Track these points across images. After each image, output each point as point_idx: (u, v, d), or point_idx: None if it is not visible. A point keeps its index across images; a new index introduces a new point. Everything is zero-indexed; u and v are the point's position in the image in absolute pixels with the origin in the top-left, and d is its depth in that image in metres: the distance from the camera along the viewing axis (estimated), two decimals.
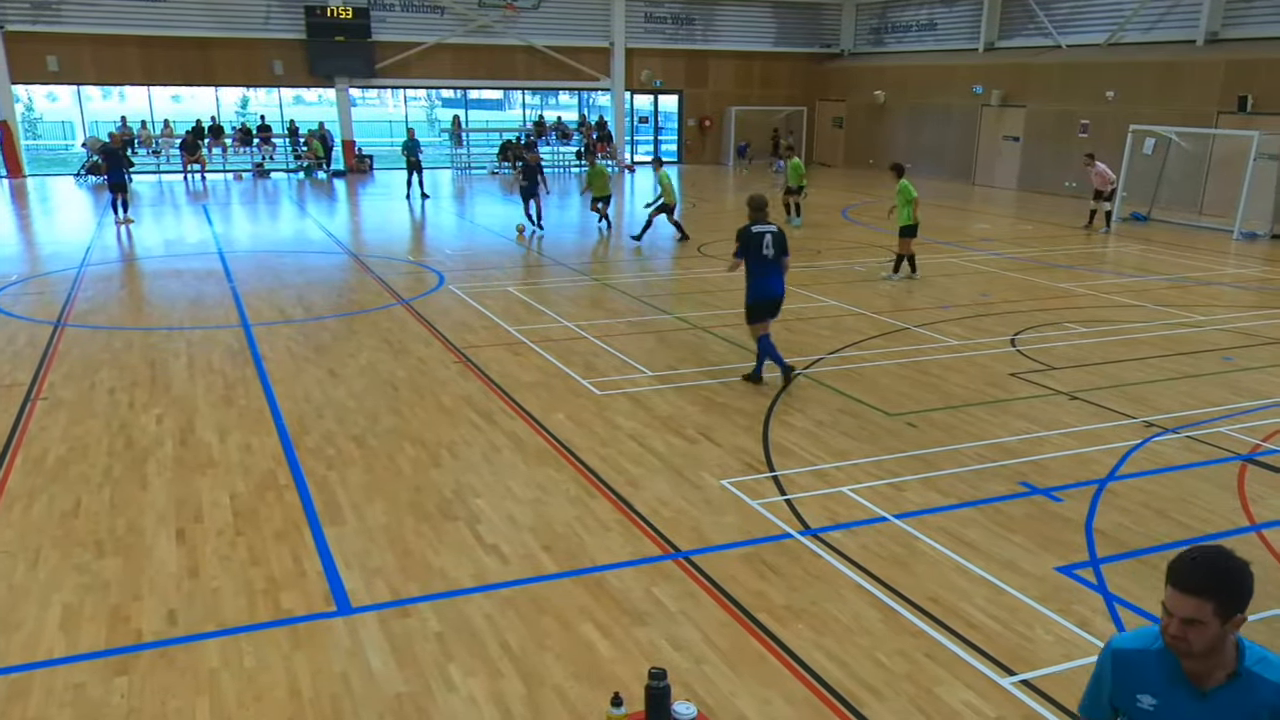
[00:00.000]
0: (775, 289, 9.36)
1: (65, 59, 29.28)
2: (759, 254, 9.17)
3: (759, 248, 9.17)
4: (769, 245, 9.18)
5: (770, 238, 9.21)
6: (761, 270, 9.23)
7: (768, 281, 9.28)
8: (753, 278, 9.26)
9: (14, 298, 13.54)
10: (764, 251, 9.15)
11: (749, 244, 9.19)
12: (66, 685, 4.87)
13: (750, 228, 9.22)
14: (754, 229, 9.19)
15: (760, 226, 9.24)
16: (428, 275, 15.49)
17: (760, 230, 9.21)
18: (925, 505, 7.02)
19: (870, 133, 35.73)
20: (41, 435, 8.29)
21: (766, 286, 9.28)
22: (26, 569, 6.01)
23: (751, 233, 9.19)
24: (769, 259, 9.19)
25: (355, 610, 5.59)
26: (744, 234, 9.21)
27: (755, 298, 9.34)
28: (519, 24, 33.68)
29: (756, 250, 9.17)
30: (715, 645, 5.26)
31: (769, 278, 9.27)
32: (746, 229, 9.22)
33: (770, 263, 9.22)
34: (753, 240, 9.19)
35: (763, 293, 9.29)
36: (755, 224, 9.24)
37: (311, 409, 9.00)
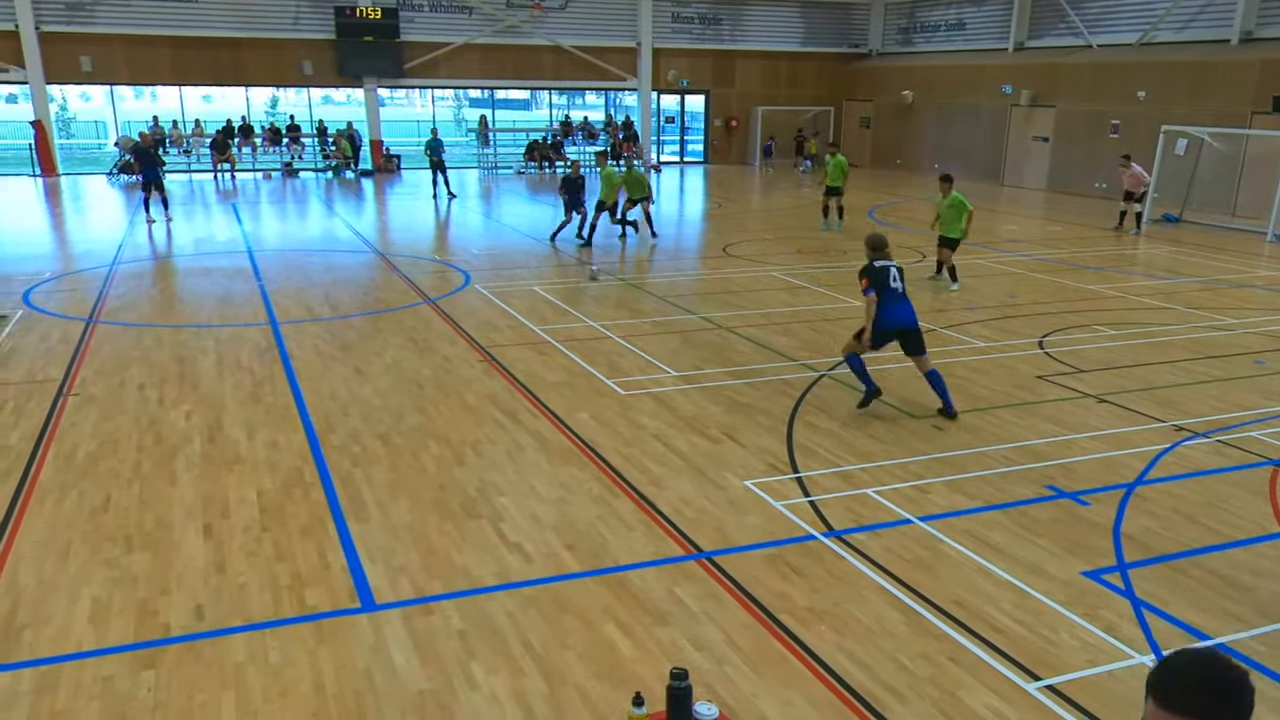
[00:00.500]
0: (906, 317, 9.00)
1: (98, 59, 29.65)
2: (888, 287, 8.93)
3: (887, 281, 8.94)
4: (895, 278, 8.98)
5: (895, 271, 9.04)
6: (890, 300, 8.95)
7: (895, 312, 8.95)
8: (883, 307, 8.91)
9: (47, 295, 13.72)
10: (892, 284, 8.94)
11: (877, 279, 8.93)
12: (95, 678, 4.93)
13: (874, 263, 8.98)
14: (877, 264, 8.97)
15: (882, 261, 9.01)
16: (454, 275, 15.57)
17: (884, 264, 8.99)
18: (950, 508, 6.98)
19: (898, 133, 35.55)
20: (73, 431, 8.40)
21: (891, 316, 8.93)
22: (57, 563, 6.09)
23: (875, 267, 8.94)
24: (899, 292, 8.99)
25: (379, 607, 5.62)
26: (870, 271, 8.96)
27: (884, 323, 8.94)
28: (546, 24, 33.76)
29: (885, 284, 8.92)
30: (737, 646, 5.25)
31: (896, 307, 8.97)
32: (869, 264, 8.99)
33: (901, 294, 9.02)
34: (879, 274, 8.93)
35: (885, 321, 8.93)
36: (877, 259, 9.00)
37: (337, 407, 9.07)
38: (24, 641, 5.23)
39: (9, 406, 8.97)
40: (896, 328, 8.95)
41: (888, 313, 8.91)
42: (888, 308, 8.91)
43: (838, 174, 20.42)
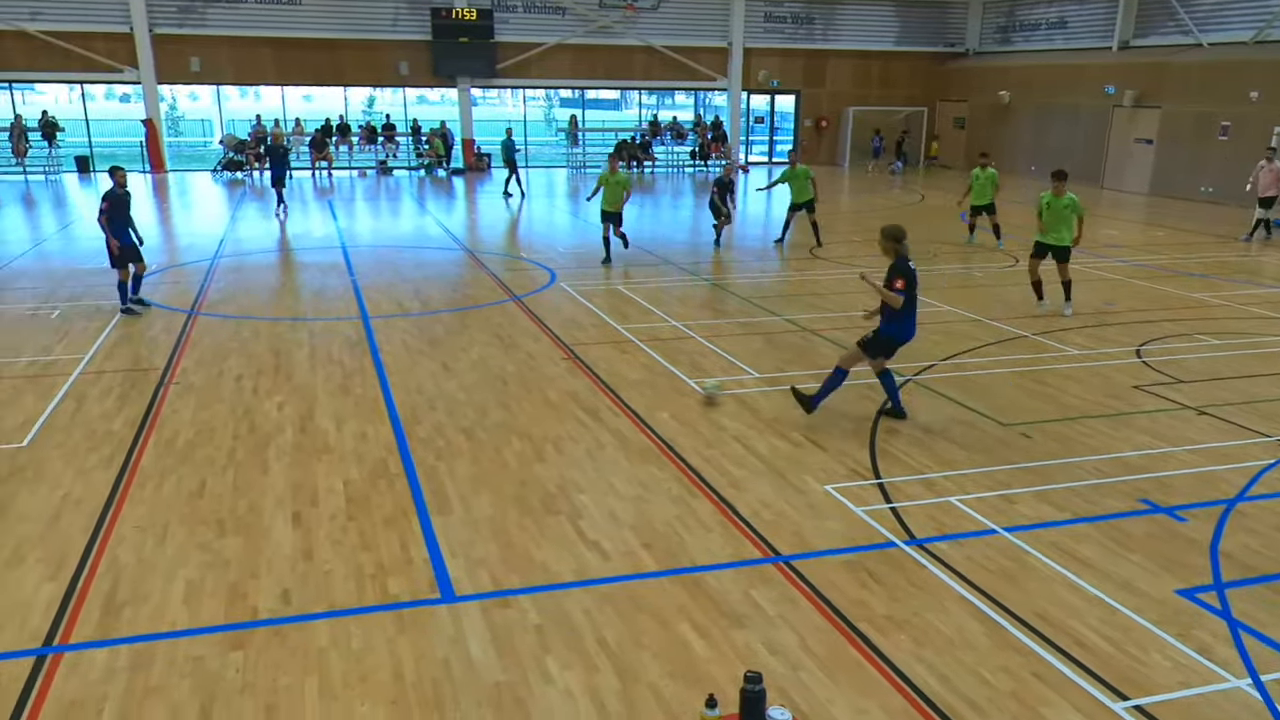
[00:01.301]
0: (914, 331, 8.53)
1: (206, 60, 30.77)
2: (913, 293, 8.26)
3: (914, 284, 8.25)
4: (917, 282, 8.36)
5: (916, 274, 8.36)
6: (910, 308, 8.29)
7: (912, 322, 8.41)
8: (906, 314, 8.27)
9: (152, 287, 14.26)
10: (915, 289, 8.29)
11: (910, 280, 8.22)
12: (187, 657, 5.11)
13: (907, 262, 8.23)
14: (910, 264, 8.24)
15: (911, 262, 8.33)
16: (540, 273, 15.73)
17: (913, 266, 8.31)
18: (1037, 519, 6.80)
19: (993, 134, 34.74)
20: (173, 418, 8.73)
21: (910, 327, 8.42)
22: (155, 545, 6.34)
23: (910, 269, 8.21)
24: (915, 298, 8.32)
25: (458, 599, 5.71)
26: (904, 268, 8.19)
27: (897, 335, 8.41)
28: (638, 24, 33.89)
29: (912, 289, 8.24)
30: (813, 651, 5.20)
31: (913, 316, 8.39)
32: (903, 263, 8.20)
33: (916, 303, 8.37)
34: (911, 277, 8.21)
35: (905, 333, 8.41)
36: (905, 259, 8.26)
37: (424, 400, 9.24)
38: (123, 619, 5.46)
39: (114, 393, 9.36)
40: (910, 339, 8.48)
41: (910, 324, 8.37)
42: (911, 318, 8.34)
43: (988, 189, 18.19)
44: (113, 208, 12.25)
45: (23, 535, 6.44)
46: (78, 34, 29.49)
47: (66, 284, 14.41)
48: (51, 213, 23.08)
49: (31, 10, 28.93)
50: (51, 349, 10.87)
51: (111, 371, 10.05)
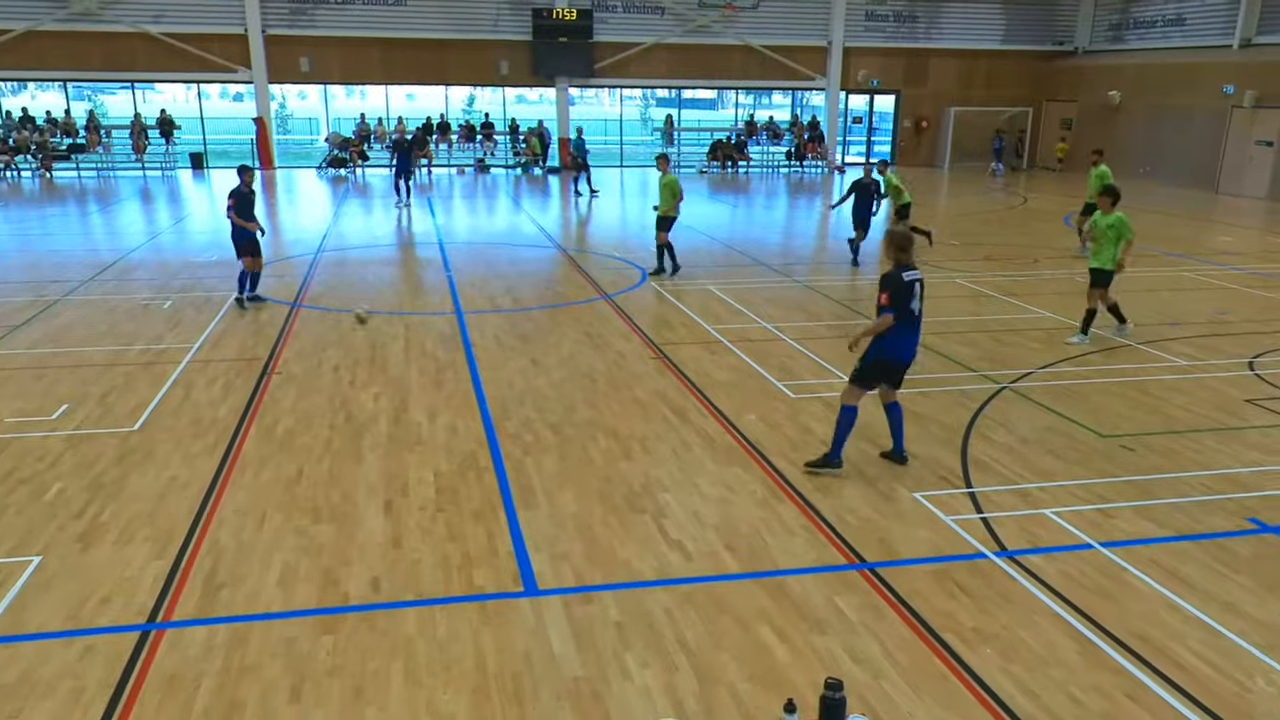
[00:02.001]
0: (914, 350, 7.46)
1: (316, 60, 31.69)
2: (907, 308, 7.22)
3: (910, 300, 7.22)
4: (919, 296, 7.28)
5: (919, 287, 7.30)
6: (907, 326, 7.29)
7: (909, 340, 7.36)
8: (897, 333, 7.26)
9: (259, 280, 14.75)
10: (912, 304, 7.23)
11: (900, 296, 7.19)
12: (280, 638, 5.28)
13: (901, 274, 7.20)
14: (905, 275, 7.20)
15: (910, 273, 7.23)
16: (631, 271, 15.80)
17: (911, 278, 7.23)
18: (1137, 535, 6.56)
19: (1102, 135, 33.60)
20: (274, 407, 9.02)
21: (906, 345, 7.36)
22: (254, 529, 6.56)
23: (903, 280, 7.19)
24: (916, 314, 7.30)
25: (541, 592, 5.78)
26: (894, 281, 7.19)
27: (886, 355, 7.33)
28: (737, 24, 33.76)
29: (906, 304, 7.21)
30: (896, 661, 5.12)
31: (911, 336, 7.36)
32: (897, 275, 7.20)
33: (917, 319, 7.35)
34: (905, 291, 7.20)
35: (898, 351, 7.35)
36: (903, 269, 7.23)
37: (514, 395, 9.37)
38: (221, 599, 5.67)
39: (220, 382, 9.72)
40: (908, 360, 7.43)
41: (904, 342, 7.32)
42: (905, 335, 7.29)
43: (1093, 187, 16.16)
44: (238, 204, 12.89)
45: (133, 514, 6.74)
46: (195, 35, 30.71)
47: (179, 276, 15.01)
48: (166, 208, 24.07)
49: (155, 13, 30.23)
50: (163, 338, 11.34)
51: (218, 361, 10.44)
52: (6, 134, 30.29)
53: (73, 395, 9.22)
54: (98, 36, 30.09)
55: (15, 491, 7.07)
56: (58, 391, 9.34)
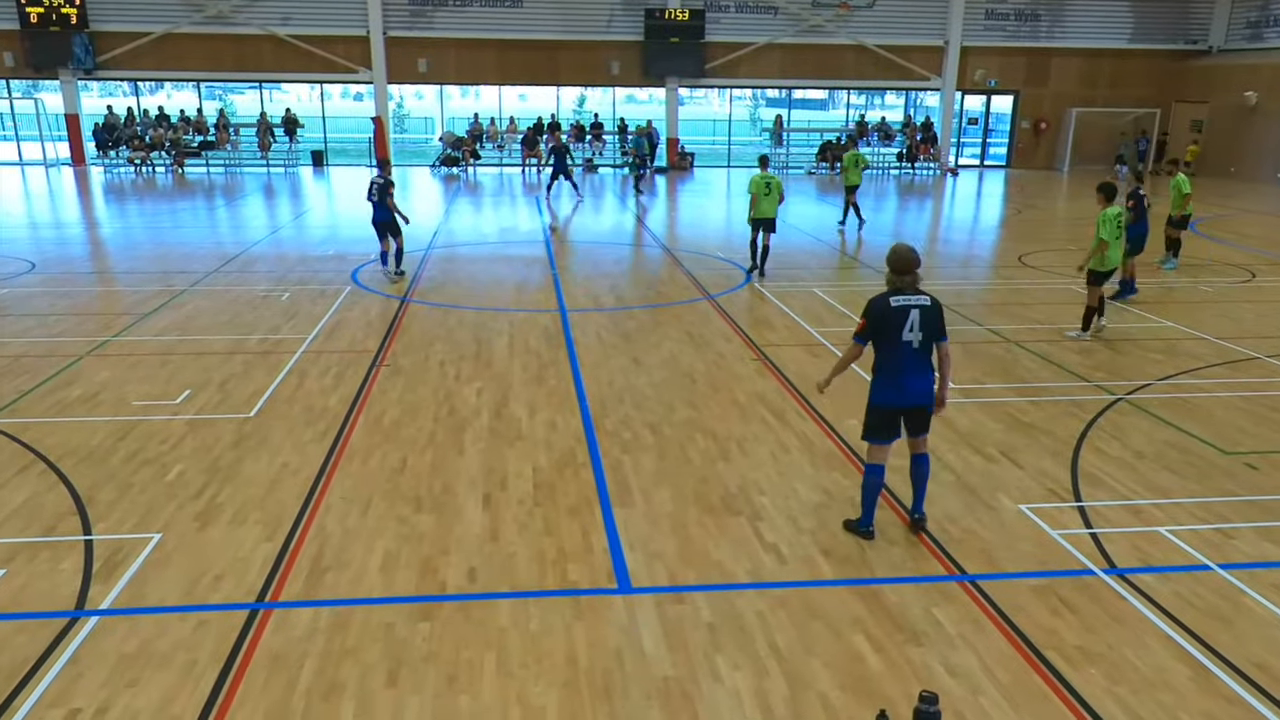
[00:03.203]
0: (918, 391, 6.26)
1: (433, 61, 32.47)
2: (898, 342, 6.16)
3: (898, 330, 6.13)
4: (914, 325, 6.14)
5: (919, 315, 6.15)
6: (899, 362, 6.20)
7: (908, 378, 6.22)
8: (886, 373, 6.26)
9: (371, 274, 15.22)
10: (905, 337, 6.14)
11: (880, 324, 6.18)
12: (380, 623, 5.43)
13: (888, 299, 6.19)
14: (893, 301, 6.17)
15: (902, 298, 6.17)
16: (735, 272, 15.73)
17: (901, 304, 6.16)
18: (1259, 558, 6.24)
19: (1235, 138, 32.06)
20: (381, 398, 9.28)
21: (894, 387, 6.24)
22: (359, 516, 6.76)
23: (889, 307, 6.15)
24: (911, 347, 6.17)
25: (634, 590, 5.81)
26: (874, 307, 6.21)
27: (874, 399, 6.36)
28: (850, 23, 33.29)
29: (892, 335, 6.15)
30: (995, 677, 4.98)
31: (906, 373, 6.21)
32: (881, 300, 6.21)
33: (916, 352, 6.18)
34: (886, 319, 6.15)
35: (884, 395, 6.29)
36: (895, 293, 6.21)
37: (613, 394, 9.43)
38: (326, 583, 5.86)
39: (332, 372, 10.05)
40: (904, 405, 6.28)
41: (895, 383, 6.21)
42: (896, 374, 6.20)
43: (1178, 200, 15.52)
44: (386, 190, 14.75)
45: (246, 497, 7.02)
46: (320, 37, 31.80)
47: (296, 269, 15.57)
48: (288, 203, 24.99)
49: (283, 16, 31.43)
50: (280, 329, 11.78)
51: (330, 352, 10.79)
52: (143, 131, 31.88)
53: (195, 381, 9.65)
54: (229, 39, 31.44)
55: (139, 471, 7.43)
56: (181, 377, 9.79)
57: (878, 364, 6.31)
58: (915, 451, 6.50)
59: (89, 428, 8.35)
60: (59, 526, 6.54)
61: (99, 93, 41.77)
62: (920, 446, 6.48)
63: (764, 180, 15.12)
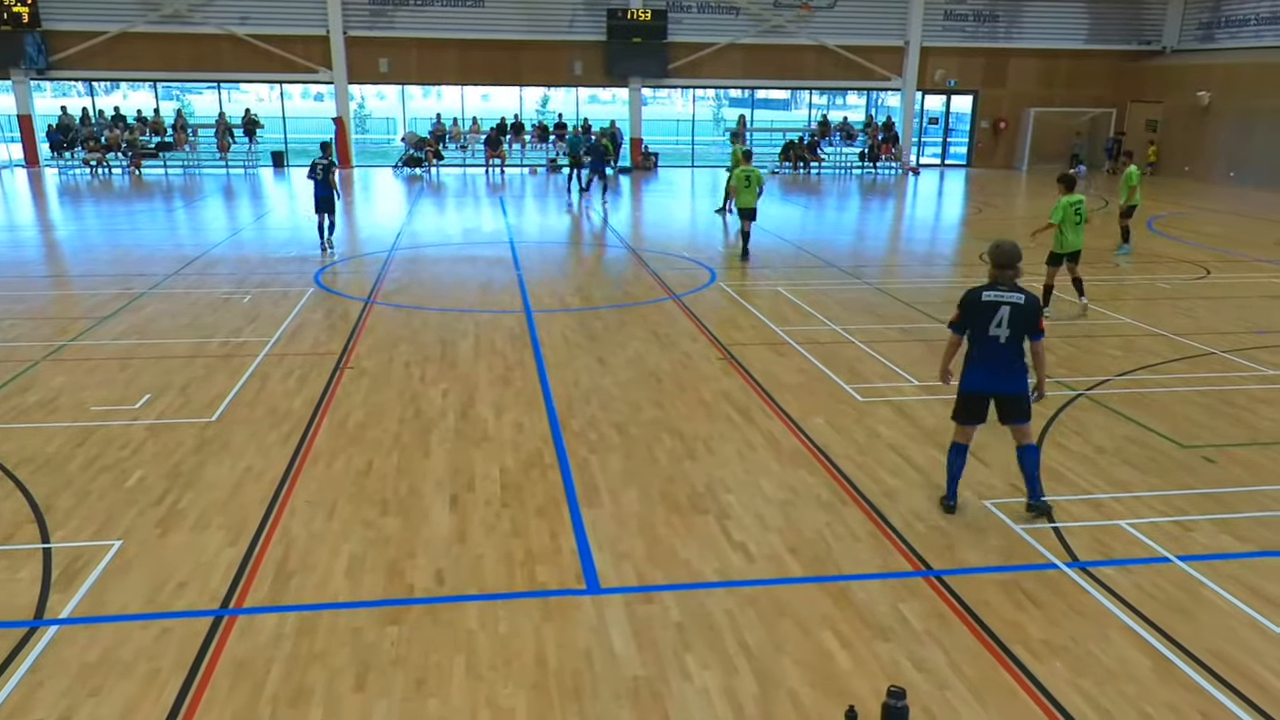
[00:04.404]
0: (1004, 381, 6.53)
1: (395, 61, 32.25)
2: (984, 333, 6.49)
3: (986, 325, 6.46)
4: (1003, 321, 6.43)
5: (1008, 311, 6.43)
6: (985, 354, 6.51)
7: (990, 369, 6.52)
8: (973, 361, 6.58)
9: (334, 275, 15.09)
10: (993, 331, 6.45)
11: (971, 316, 6.53)
12: (347, 627, 5.38)
13: (980, 292, 6.52)
14: (985, 295, 6.49)
15: (994, 293, 6.47)
16: (700, 272, 15.77)
17: (994, 299, 6.46)
18: (1217, 549, 6.35)
19: (1189, 137, 32.60)
20: (346, 400, 9.20)
21: (990, 376, 6.54)
22: (324, 519, 6.70)
23: (980, 301, 6.48)
24: (998, 341, 6.47)
25: (603, 591, 5.80)
26: (968, 299, 6.57)
27: (962, 385, 6.69)
28: (812, 23, 33.49)
29: (982, 327, 6.48)
30: (961, 672, 5.02)
31: (992, 365, 6.51)
32: (973, 293, 6.56)
33: (1003, 347, 6.47)
34: (979, 312, 6.48)
35: (970, 381, 6.63)
36: (990, 287, 6.53)
37: (580, 394, 9.42)
38: (291, 587, 5.80)
39: (296, 375, 9.95)
40: (990, 392, 6.60)
41: (979, 372, 6.55)
42: (980, 364, 6.53)
43: (1123, 189, 17.15)
44: None
45: (209, 502, 6.93)
46: (279, 37, 31.46)
47: (258, 271, 15.40)
48: (249, 204, 24.71)
49: (241, 15, 31.06)
50: (242, 331, 11.64)
51: (293, 354, 10.68)
52: (99, 132, 31.38)
53: (155, 385, 9.52)
54: (186, 38, 31.02)
55: (99, 478, 7.31)
56: (141, 381, 9.65)
57: (969, 351, 6.63)
58: (1018, 443, 6.73)
59: (46, 434, 8.21)
60: (16, 535, 6.42)
61: (52, 93, 41.01)
62: (1022, 437, 6.70)
63: (744, 173, 16.78)
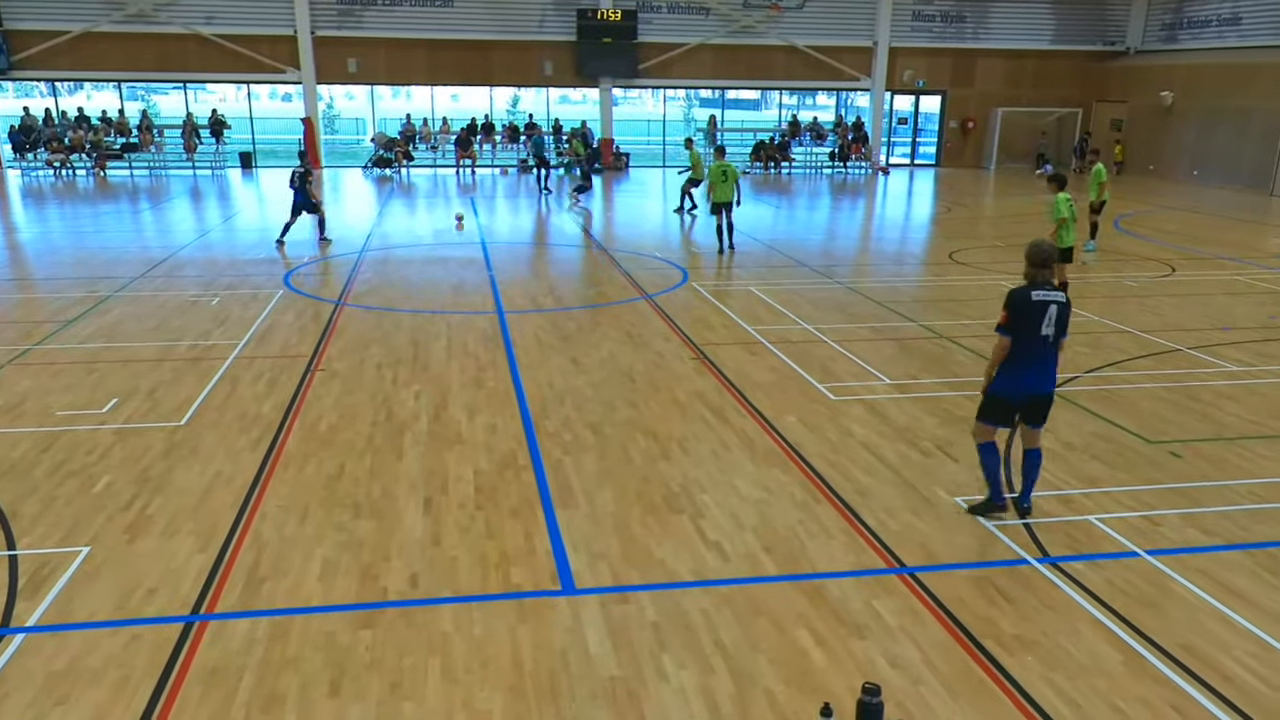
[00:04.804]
0: (1043, 382, 6.52)
1: (363, 61, 32.05)
2: (1036, 334, 6.39)
3: (1037, 324, 6.37)
4: (1051, 321, 6.37)
5: (1056, 310, 6.39)
6: (1030, 355, 6.42)
7: (1032, 371, 6.46)
8: (1014, 363, 6.46)
9: (304, 277, 14.98)
10: (1044, 331, 6.37)
11: (1021, 316, 6.41)
12: (320, 631, 5.34)
13: (1029, 292, 6.43)
14: (1034, 295, 6.41)
15: (1042, 293, 6.41)
16: (672, 272, 15.79)
17: (1043, 298, 6.40)
18: (1184, 543, 6.43)
19: (1153, 137, 33.02)
20: (317, 403, 9.13)
21: (1030, 378, 6.47)
22: (296, 523, 6.64)
23: (1030, 300, 6.39)
24: (1046, 341, 6.42)
25: (578, 592, 5.79)
26: (1016, 299, 6.42)
27: (995, 388, 6.58)
28: (781, 24, 33.63)
29: (1032, 328, 6.38)
30: (935, 667, 5.06)
31: (1035, 366, 6.46)
32: (1022, 293, 6.43)
33: (1050, 346, 6.45)
34: (1029, 311, 6.39)
35: (1007, 385, 6.52)
36: (1034, 287, 6.46)
37: (553, 395, 9.40)
38: (263, 593, 5.74)
39: (266, 378, 9.86)
40: (1027, 396, 6.50)
41: (1020, 374, 6.44)
42: (1023, 366, 6.42)
43: (1092, 187, 17.27)
44: None
45: (179, 508, 6.85)
46: (246, 37, 31.18)
47: (227, 273, 15.24)
48: (216, 206, 24.46)
49: (207, 14, 30.75)
50: (210, 334, 11.52)
51: (263, 357, 10.59)
52: (62, 133, 30.95)
53: (122, 389, 9.40)
54: (151, 38, 30.68)
55: (65, 484, 7.21)
56: (108, 385, 9.52)
57: (1012, 353, 6.47)
58: (1028, 445, 6.70)
59: (10, 439, 8.09)
60: None
61: (14, 93, 40.43)
62: (1034, 440, 6.68)
63: (720, 168, 17.76)
